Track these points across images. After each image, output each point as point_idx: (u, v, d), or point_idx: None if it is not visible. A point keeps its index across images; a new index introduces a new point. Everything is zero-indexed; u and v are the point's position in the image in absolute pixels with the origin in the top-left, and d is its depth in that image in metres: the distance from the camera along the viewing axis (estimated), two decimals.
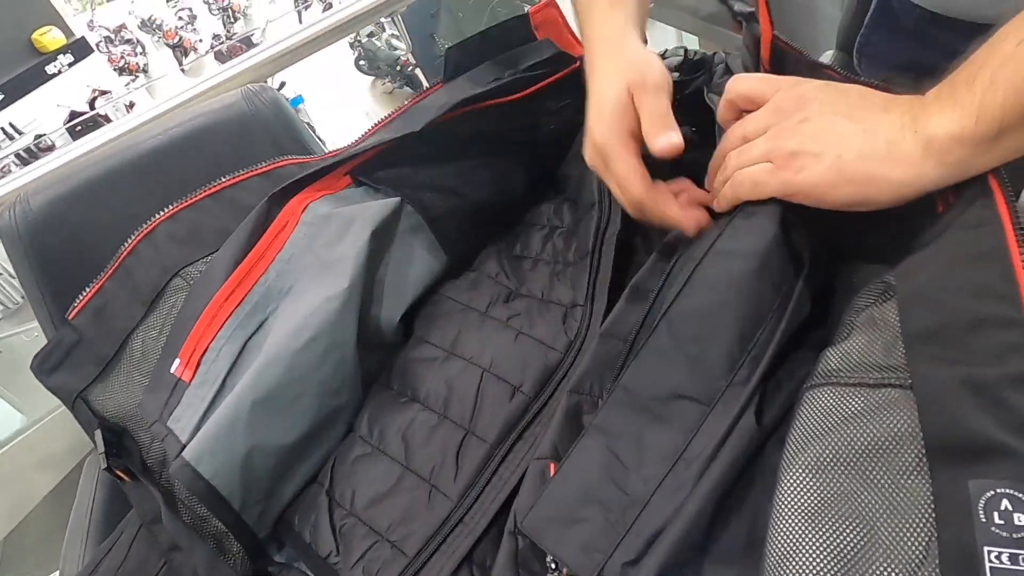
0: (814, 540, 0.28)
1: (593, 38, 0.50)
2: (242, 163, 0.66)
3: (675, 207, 0.44)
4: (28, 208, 0.89)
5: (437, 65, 2.79)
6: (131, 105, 3.83)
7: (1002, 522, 0.24)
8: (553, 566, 0.41)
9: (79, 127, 3.36)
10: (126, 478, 0.52)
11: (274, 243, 0.54)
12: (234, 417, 0.47)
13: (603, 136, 0.44)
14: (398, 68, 3.74)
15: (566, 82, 0.61)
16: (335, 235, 0.54)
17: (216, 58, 4.06)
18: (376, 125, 0.62)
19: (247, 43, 3.94)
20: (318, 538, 0.48)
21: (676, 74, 0.60)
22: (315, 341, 0.50)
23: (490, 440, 0.48)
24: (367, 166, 0.58)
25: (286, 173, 0.58)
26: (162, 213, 0.56)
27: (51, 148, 3.24)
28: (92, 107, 3.82)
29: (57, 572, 0.89)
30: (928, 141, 0.33)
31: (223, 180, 0.58)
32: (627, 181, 0.44)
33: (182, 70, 4.31)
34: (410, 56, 3.50)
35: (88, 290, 0.56)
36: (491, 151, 0.61)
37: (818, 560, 0.28)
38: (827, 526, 0.28)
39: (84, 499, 0.89)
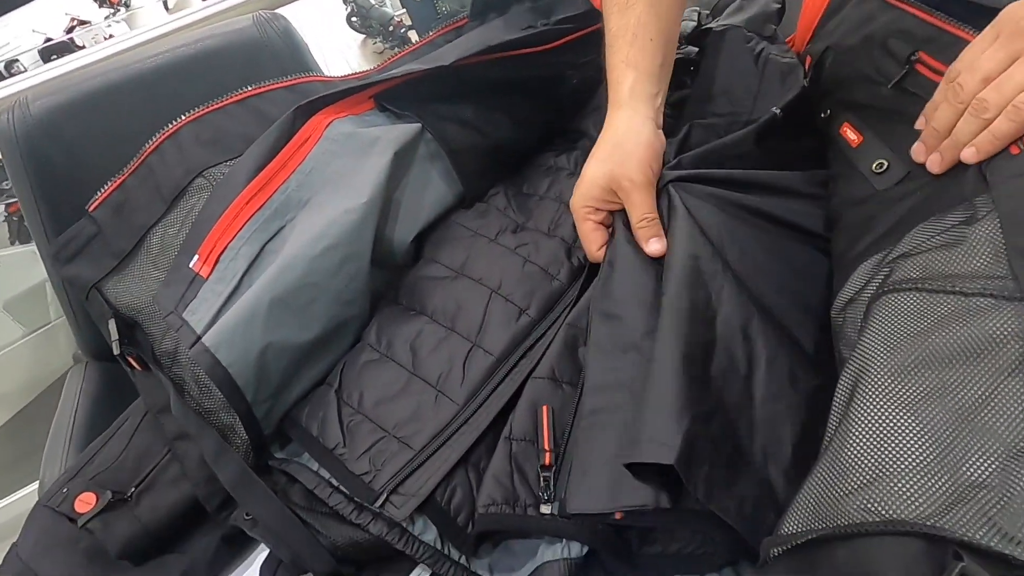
0: (912, 424, 0.30)
1: (609, 85, 0.53)
2: None
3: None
4: (27, 113, 0.88)
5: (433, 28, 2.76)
6: (110, 38, 3.71)
7: None
8: (542, 471, 0.44)
9: (53, 55, 3.25)
10: (137, 366, 0.54)
11: (296, 155, 0.56)
12: (252, 312, 0.49)
13: (574, 201, 0.52)
14: (391, 29, 3.70)
15: (592, 38, 0.64)
16: (358, 152, 0.56)
17: None
18: (399, 54, 0.63)
19: None
20: (325, 432, 0.50)
21: (695, 49, 0.63)
22: (332, 250, 0.52)
23: (496, 353, 0.51)
24: (392, 93, 0.60)
25: (310, 89, 0.60)
26: (187, 115, 0.57)
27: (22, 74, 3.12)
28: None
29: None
30: None
31: (249, 89, 0.59)
32: (584, 241, 0.52)
33: (165, 6, 4.17)
34: (404, 18, 3.46)
35: (109, 185, 0.56)
36: (514, 96, 0.63)
37: (915, 441, 0.30)
38: (923, 415, 0.30)
39: (66, 409, 0.89)
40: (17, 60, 3.29)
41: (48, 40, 3.53)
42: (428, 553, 0.45)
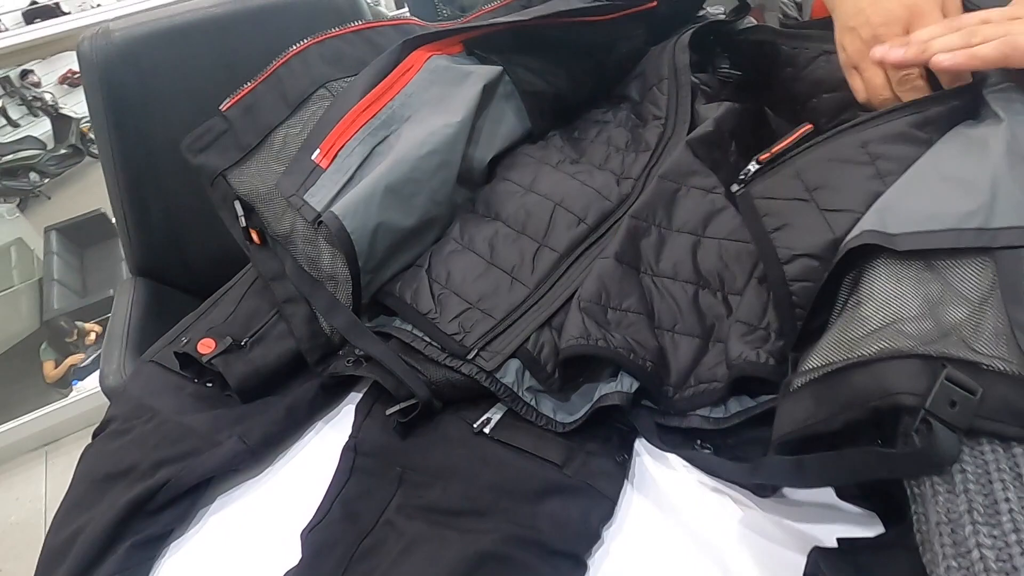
0: (909, 290, 0.41)
1: None
2: None
3: None
4: (109, 40, 0.97)
5: None
6: (99, 5, 3.72)
7: None
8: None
9: (36, 18, 3.25)
10: (257, 240, 0.64)
11: (401, 80, 0.67)
12: (371, 193, 0.60)
13: (883, 28, 0.52)
14: None
15: (642, 15, 0.78)
16: (453, 82, 0.67)
17: None
18: (483, 10, 0.75)
19: None
20: (419, 300, 0.61)
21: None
22: (433, 154, 0.64)
23: (560, 250, 0.63)
24: (478, 40, 0.72)
25: (411, 29, 0.71)
26: (311, 38, 0.68)
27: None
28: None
29: None
30: None
31: (361, 23, 0.70)
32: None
33: None
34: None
35: (241, 90, 0.66)
36: (573, 56, 0.76)
37: (912, 300, 0.40)
38: (917, 283, 0.40)
39: (120, 312, 0.97)
40: None
41: (33, 3, 3.51)
42: (506, 393, 0.56)
